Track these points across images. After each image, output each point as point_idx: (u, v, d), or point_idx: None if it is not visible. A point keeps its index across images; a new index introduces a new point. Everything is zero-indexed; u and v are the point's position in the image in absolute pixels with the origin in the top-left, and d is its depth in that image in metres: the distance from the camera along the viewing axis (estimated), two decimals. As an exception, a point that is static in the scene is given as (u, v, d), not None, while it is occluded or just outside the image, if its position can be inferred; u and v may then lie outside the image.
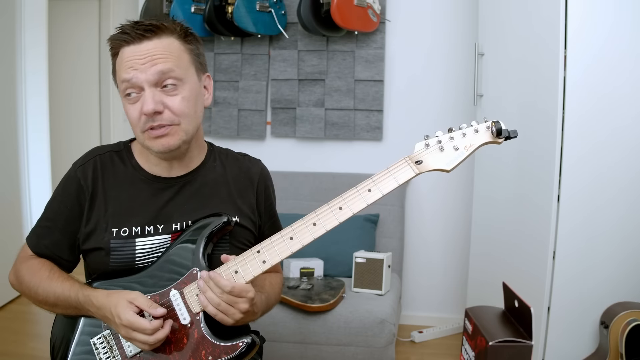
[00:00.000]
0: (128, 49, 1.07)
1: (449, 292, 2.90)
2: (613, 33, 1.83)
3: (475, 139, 1.06)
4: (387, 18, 2.78)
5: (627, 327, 1.73)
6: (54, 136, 3.70)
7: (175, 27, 1.11)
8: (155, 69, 1.06)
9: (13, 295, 3.13)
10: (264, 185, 1.28)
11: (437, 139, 1.06)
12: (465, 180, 2.78)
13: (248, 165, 1.28)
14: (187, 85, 1.10)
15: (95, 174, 1.16)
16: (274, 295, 1.26)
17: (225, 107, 2.94)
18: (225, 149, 1.31)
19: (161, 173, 1.18)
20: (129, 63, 1.06)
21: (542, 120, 1.94)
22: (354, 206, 1.05)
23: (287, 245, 1.06)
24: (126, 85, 1.07)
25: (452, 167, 1.05)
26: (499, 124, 1.04)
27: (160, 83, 1.07)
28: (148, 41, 1.07)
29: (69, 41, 4.35)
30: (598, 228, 1.87)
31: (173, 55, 1.08)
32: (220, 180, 1.22)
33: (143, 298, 1.04)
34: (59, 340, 1.13)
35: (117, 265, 1.13)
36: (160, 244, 1.14)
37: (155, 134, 1.08)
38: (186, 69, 1.11)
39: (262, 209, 1.28)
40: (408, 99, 2.84)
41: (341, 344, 2.09)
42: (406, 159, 1.06)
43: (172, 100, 1.08)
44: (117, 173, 1.17)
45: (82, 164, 1.17)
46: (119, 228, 1.13)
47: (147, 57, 1.06)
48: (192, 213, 1.16)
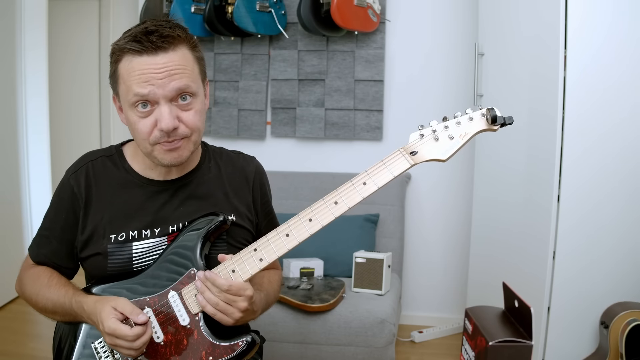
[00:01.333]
0: (141, 59, 1.03)
1: (449, 292, 2.89)
2: (612, 33, 1.83)
3: (470, 127, 1.04)
4: (387, 18, 2.78)
5: (627, 327, 1.73)
6: (54, 137, 3.70)
7: (186, 36, 1.09)
8: (173, 85, 1.03)
9: (13, 295, 3.13)
10: (259, 182, 1.28)
11: (432, 128, 1.05)
12: (466, 180, 2.78)
13: (242, 164, 1.27)
14: (199, 98, 1.09)
15: (89, 181, 1.15)
16: (273, 292, 1.25)
17: (225, 107, 2.94)
18: (219, 148, 1.30)
19: (156, 177, 1.17)
20: (145, 77, 1.02)
21: (542, 120, 1.94)
22: (350, 200, 1.03)
23: (283, 242, 1.05)
24: (138, 99, 1.04)
25: (447, 157, 1.03)
26: (493, 110, 1.02)
27: (177, 98, 1.05)
28: (164, 53, 1.03)
29: (69, 42, 4.35)
30: (598, 228, 1.87)
31: (188, 68, 1.06)
32: (215, 181, 1.22)
33: (127, 304, 1.02)
34: (64, 341, 1.13)
35: (115, 269, 1.12)
36: (156, 245, 1.14)
37: (169, 147, 1.07)
38: (198, 82, 1.10)
39: (259, 206, 1.27)
40: (408, 99, 2.84)
41: (341, 344, 2.09)
42: (401, 150, 1.04)
43: (187, 115, 1.07)
44: (110, 178, 1.16)
45: (74, 171, 1.16)
46: (117, 234, 1.12)
47: (164, 72, 1.02)
48: (189, 215, 1.16)
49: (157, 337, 1.06)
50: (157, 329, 1.07)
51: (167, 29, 1.05)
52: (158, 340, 1.06)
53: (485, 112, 1.03)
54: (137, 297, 1.08)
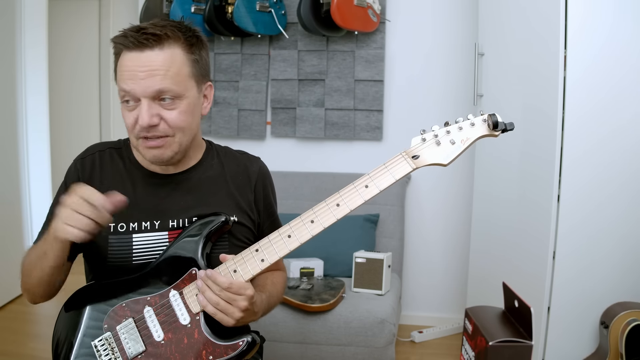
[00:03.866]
0: (129, 54, 1.06)
1: (449, 292, 2.90)
2: (613, 33, 1.83)
3: (471, 132, 1.05)
4: (387, 18, 2.78)
5: (627, 327, 1.73)
6: (54, 136, 3.70)
7: (180, 36, 1.09)
8: (152, 85, 1.04)
9: (13, 295, 3.13)
10: (262, 183, 1.28)
11: (434, 133, 1.06)
12: (466, 180, 2.78)
13: (246, 163, 1.28)
14: (185, 100, 1.09)
15: (94, 169, 1.17)
16: (276, 294, 1.25)
17: (225, 107, 2.94)
18: (224, 147, 1.31)
19: (159, 170, 1.19)
20: (129, 74, 1.05)
21: (543, 119, 1.94)
22: (351, 203, 1.04)
23: (285, 244, 1.05)
24: (123, 94, 1.07)
25: (449, 161, 1.04)
26: (495, 116, 1.03)
27: (158, 97, 1.06)
28: (150, 51, 1.05)
29: (69, 41, 4.35)
30: (598, 228, 1.88)
31: (172, 70, 1.06)
32: (218, 178, 1.22)
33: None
34: (62, 339, 1.13)
35: (115, 260, 1.13)
36: (157, 241, 1.14)
37: (149, 145, 1.09)
38: (185, 84, 1.09)
39: (261, 207, 1.27)
40: (408, 99, 2.84)
41: (341, 344, 2.09)
42: (403, 154, 1.05)
43: (169, 114, 1.07)
44: (115, 169, 1.18)
45: (82, 158, 1.20)
46: (116, 223, 1.13)
47: (146, 71, 1.04)
48: (189, 210, 1.16)
49: (158, 335, 1.06)
50: (158, 328, 1.07)
51: (157, 28, 1.06)
52: (158, 339, 1.06)
53: (487, 117, 1.04)
54: (138, 296, 1.09)
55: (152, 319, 1.07)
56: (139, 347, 1.06)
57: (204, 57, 1.16)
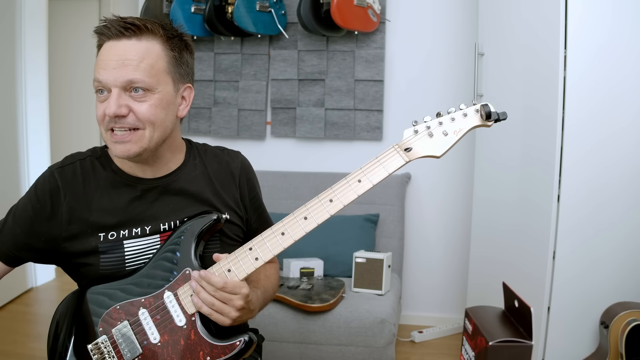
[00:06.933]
0: (107, 44, 1.06)
1: (449, 292, 2.89)
2: (613, 33, 1.82)
3: (464, 122, 1.04)
4: (387, 18, 2.78)
5: (627, 327, 1.73)
6: (54, 137, 3.70)
7: (158, 29, 1.08)
8: (123, 75, 1.03)
9: (13, 295, 3.13)
10: (245, 177, 1.27)
11: (426, 124, 1.05)
12: (466, 180, 2.78)
13: (227, 160, 1.26)
14: (157, 95, 1.07)
15: (75, 178, 1.13)
16: (271, 287, 1.25)
17: (225, 107, 2.94)
18: (203, 145, 1.28)
19: (144, 175, 1.16)
20: (103, 63, 1.04)
21: (543, 120, 1.94)
22: (344, 198, 1.03)
23: (279, 241, 1.04)
24: (97, 84, 1.06)
25: (442, 153, 1.03)
26: (487, 106, 1.02)
27: (129, 88, 1.05)
28: (126, 40, 1.05)
29: (69, 42, 4.35)
30: (598, 228, 1.87)
31: (146, 61, 1.05)
32: (202, 178, 1.21)
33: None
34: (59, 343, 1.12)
35: (108, 268, 1.11)
36: (149, 245, 1.13)
37: (116, 139, 1.06)
38: (159, 78, 1.07)
39: (247, 202, 1.26)
40: (408, 99, 2.84)
41: (341, 344, 2.09)
42: (395, 147, 1.04)
43: (139, 106, 1.05)
44: (98, 178, 1.14)
45: (61, 167, 1.14)
46: (106, 232, 1.11)
47: (119, 60, 1.03)
48: (179, 212, 1.15)
49: (154, 338, 1.06)
50: (154, 330, 1.06)
51: (138, 20, 1.07)
52: (155, 341, 1.05)
53: (480, 108, 1.03)
54: (132, 298, 1.07)
55: (147, 321, 1.06)
56: (136, 350, 1.05)
57: (186, 58, 1.14)
